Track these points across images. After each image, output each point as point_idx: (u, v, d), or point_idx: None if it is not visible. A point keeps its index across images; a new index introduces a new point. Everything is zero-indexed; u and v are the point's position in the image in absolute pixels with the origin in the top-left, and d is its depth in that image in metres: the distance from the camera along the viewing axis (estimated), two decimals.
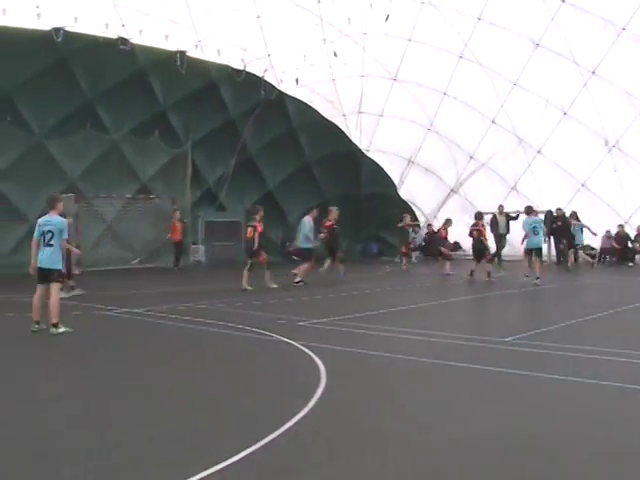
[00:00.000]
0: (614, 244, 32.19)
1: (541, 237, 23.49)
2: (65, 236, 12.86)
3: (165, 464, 5.76)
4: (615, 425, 6.80)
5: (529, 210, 24.35)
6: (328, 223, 24.93)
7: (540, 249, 23.20)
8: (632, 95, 30.04)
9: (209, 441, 6.38)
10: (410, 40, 33.17)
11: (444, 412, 7.35)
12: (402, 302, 17.34)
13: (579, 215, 32.34)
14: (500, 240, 32.51)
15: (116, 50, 26.87)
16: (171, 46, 28.70)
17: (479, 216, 26.52)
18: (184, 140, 31.88)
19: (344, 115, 36.45)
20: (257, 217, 22.39)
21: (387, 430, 6.73)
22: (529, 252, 22.68)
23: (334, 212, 25.37)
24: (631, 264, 31.85)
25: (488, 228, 30.62)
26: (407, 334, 12.11)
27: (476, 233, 25.21)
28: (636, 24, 28.13)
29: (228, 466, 5.57)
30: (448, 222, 29.75)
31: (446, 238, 29.40)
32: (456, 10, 30.96)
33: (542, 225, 23.95)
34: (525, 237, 23.05)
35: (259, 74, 31.68)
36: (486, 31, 31.36)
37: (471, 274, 24.21)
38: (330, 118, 35.37)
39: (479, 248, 25.08)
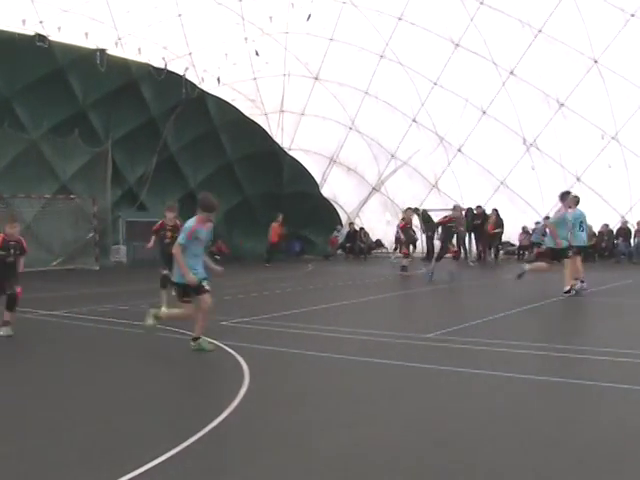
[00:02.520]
0: (531, 240, 32.70)
1: (586, 234, 19.65)
2: None
3: (86, 467, 5.68)
4: (536, 417, 6.92)
5: (566, 197, 19.26)
6: (402, 224, 26.31)
7: (585, 247, 19.81)
8: (548, 95, 30.70)
9: (131, 444, 6.32)
10: (332, 39, 33.33)
11: (366, 409, 7.39)
12: (324, 300, 17.37)
13: (500, 212, 32.96)
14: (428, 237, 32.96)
15: (33, 47, 26.44)
16: (91, 44, 28.32)
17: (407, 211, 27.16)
18: (104, 139, 31.43)
19: (266, 114, 36.42)
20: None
21: (309, 429, 6.74)
22: (574, 252, 18.14)
23: (407, 212, 27.15)
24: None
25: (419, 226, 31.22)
26: (330, 332, 12.14)
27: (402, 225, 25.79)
28: (552, 26, 28.78)
29: (150, 469, 5.53)
30: (408, 212, 27.84)
31: (405, 228, 26.72)
32: (377, 10, 31.22)
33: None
34: (553, 234, 18.18)
35: (180, 73, 31.44)
36: (407, 31, 31.70)
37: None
38: (252, 117, 35.28)
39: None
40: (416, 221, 28.69)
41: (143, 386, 8.68)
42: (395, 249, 32.87)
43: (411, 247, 26.50)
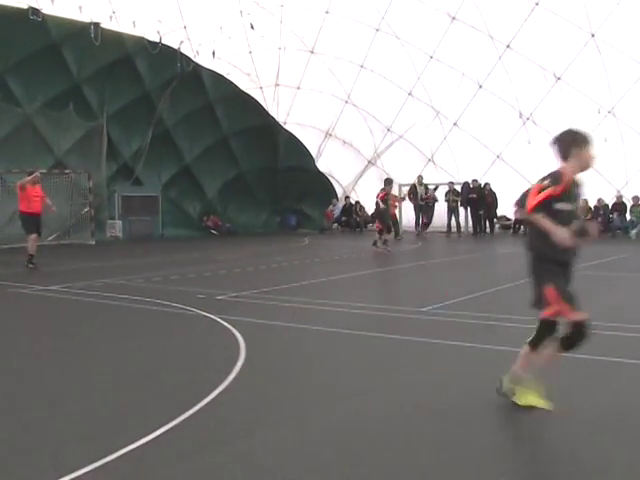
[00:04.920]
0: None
1: None
2: None
3: (85, 441, 5.70)
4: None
5: None
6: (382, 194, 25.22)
7: None
8: (545, 69, 30.62)
9: (128, 417, 6.34)
10: (327, 12, 33.18)
11: (364, 382, 7.42)
12: (320, 274, 17.37)
13: (493, 186, 32.99)
14: (419, 210, 33.11)
15: (27, 21, 26.27)
16: (85, 17, 28.13)
17: (387, 182, 25.95)
18: (99, 113, 31.30)
19: (261, 88, 36.31)
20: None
21: (307, 402, 6.76)
22: None
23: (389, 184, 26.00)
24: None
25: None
26: (326, 305, 12.17)
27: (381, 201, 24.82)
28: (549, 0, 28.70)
29: (149, 441, 5.55)
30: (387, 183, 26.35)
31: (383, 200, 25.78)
32: None
33: None
34: None
35: (175, 46, 31.27)
36: (403, 4, 31.55)
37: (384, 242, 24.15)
38: (247, 91, 35.13)
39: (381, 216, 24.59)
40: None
41: (140, 360, 8.70)
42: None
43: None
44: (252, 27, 32.17)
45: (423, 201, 33.50)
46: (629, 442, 5.49)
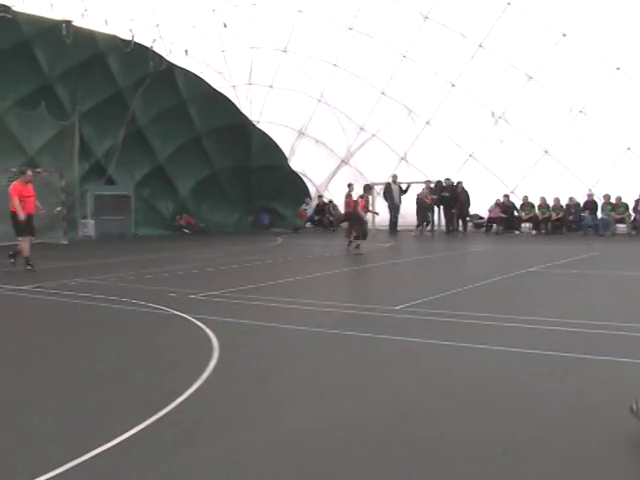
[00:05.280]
0: (501, 213, 32.92)
1: None
2: None
3: (56, 442, 5.68)
4: (504, 388, 6.98)
5: None
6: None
7: None
8: (517, 68, 30.81)
9: (101, 417, 6.31)
10: (300, 12, 33.21)
11: (337, 381, 7.42)
12: (294, 273, 17.38)
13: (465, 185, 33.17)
14: (394, 210, 33.23)
15: None
16: (56, 15, 27.98)
17: (365, 189, 25.40)
18: (71, 112, 31.15)
19: (234, 86, 36.29)
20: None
21: (281, 401, 6.76)
22: None
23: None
24: (517, 232, 32.70)
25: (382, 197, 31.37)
26: (299, 304, 12.17)
27: (353, 203, 23.85)
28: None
29: (122, 441, 5.53)
30: (367, 189, 26.18)
31: (366, 208, 25.52)
32: None
33: None
34: None
35: (148, 45, 31.17)
36: (376, 3, 31.69)
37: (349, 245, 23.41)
38: (220, 90, 35.09)
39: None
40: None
41: (112, 360, 8.66)
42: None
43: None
44: (225, 26, 32.12)
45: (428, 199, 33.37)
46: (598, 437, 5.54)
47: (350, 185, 26.43)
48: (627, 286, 14.87)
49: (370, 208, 26.27)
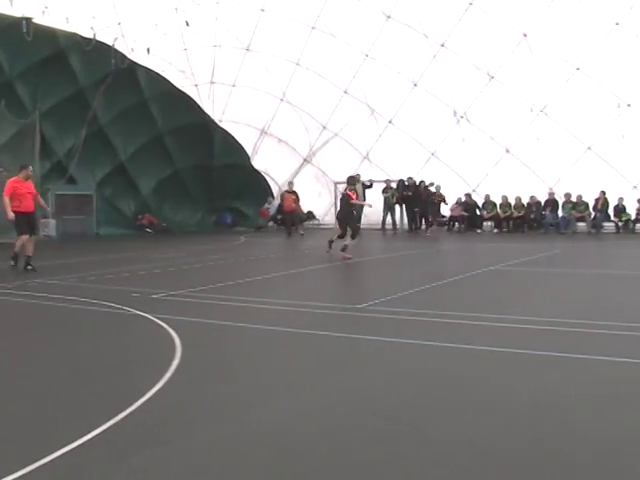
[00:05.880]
0: (463, 212, 33.12)
1: None
2: None
3: (19, 443, 5.62)
4: (468, 385, 7.02)
5: None
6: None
7: None
8: (479, 68, 31.00)
9: (63, 419, 6.26)
10: (263, 10, 33.17)
11: (300, 380, 7.43)
12: (256, 272, 17.34)
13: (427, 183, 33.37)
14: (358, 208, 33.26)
15: None
16: (16, 12, 27.66)
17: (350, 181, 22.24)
18: (32, 111, 30.84)
19: (196, 85, 36.15)
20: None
21: (244, 400, 6.75)
22: None
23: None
24: (479, 231, 32.90)
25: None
26: (262, 304, 12.15)
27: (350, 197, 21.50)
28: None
29: (85, 443, 5.50)
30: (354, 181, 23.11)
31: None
32: None
33: None
34: None
35: (109, 43, 30.93)
36: (338, 2, 31.72)
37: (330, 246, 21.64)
38: (182, 88, 34.90)
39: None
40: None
41: (74, 361, 8.60)
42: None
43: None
44: (187, 24, 31.98)
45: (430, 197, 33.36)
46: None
47: (354, 177, 23.92)
48: (591, 284, 15.03)
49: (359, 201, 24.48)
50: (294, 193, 33.89)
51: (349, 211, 21.42)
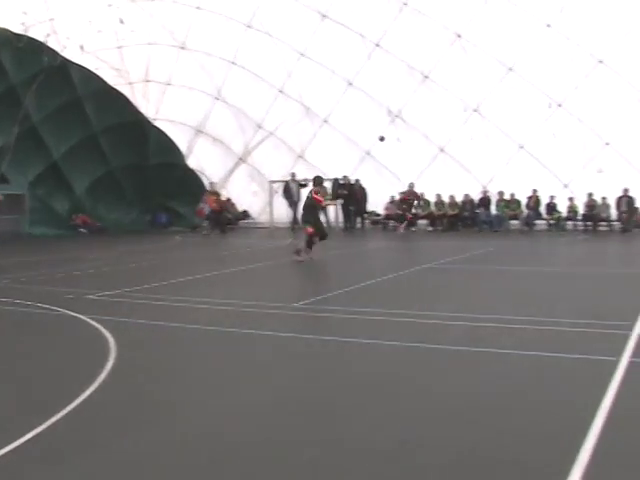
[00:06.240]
0: (398, 210, 33.30)
1: None
2: None
3: None
4: (402, 382, 7.08)
5: None
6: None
7: None
8: (413, 67, 31.22)
9: None
10: (198, 8, 33.00)
11: (236, 379, 7.44)
12: (192, 272, 17.23)
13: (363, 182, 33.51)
14: (293, 206, 33.33)
15: None
16: None
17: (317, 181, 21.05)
18: None
19: (131, 83, 35.78)
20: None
21: (180, 399, 6.73)
22: None
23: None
24: (413, 229, 33.11)
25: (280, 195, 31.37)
26: (197, 303, 12.11)
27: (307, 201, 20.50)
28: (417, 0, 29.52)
29: (18, 447, 5.44)
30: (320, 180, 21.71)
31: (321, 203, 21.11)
32: None
33: None
34: None
35: (41, 39, 30.50)
36: (274, 1, 31.69)
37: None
38: (116, 87, 34.56)
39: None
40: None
41: (6, 363, 8.50)
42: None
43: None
44: (122, 21, 31.69)
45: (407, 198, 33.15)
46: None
47: (320, 177, 22.15)
48: (523, 281, 15.23)
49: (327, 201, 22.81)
50: (215, 194, 34.05)
51: (314, 213, 20.39)
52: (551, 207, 31.08)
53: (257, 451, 5.37)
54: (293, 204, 34.19)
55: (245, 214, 38.36)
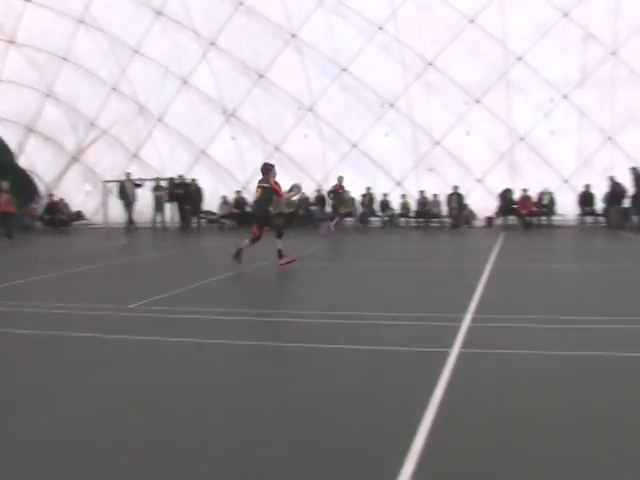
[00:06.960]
0: (234, 209, 33.37)
1: None
2: None
3: None
4: (234, 382, 7.15)
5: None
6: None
7: None
8: (248, 67, 31.45)
9: None
10: (29, 1, 32.17)
11: (65, 385, 7.18)
12: (22, 275, 16.25)
13: (200, 182, 33.43)
14: (129, 206, 32.93)
15: None
16: None
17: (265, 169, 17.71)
18: None
19: None
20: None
21: (31, 405, 6.49)
22: None
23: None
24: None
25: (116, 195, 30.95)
26: (30, 307, 11.51)
27: (260, 191, 17.56)
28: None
29: None
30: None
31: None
32: None
33: None
34: None
35: None
36: None
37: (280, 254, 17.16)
38: None
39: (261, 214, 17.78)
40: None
41: None
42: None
43: None
44: None
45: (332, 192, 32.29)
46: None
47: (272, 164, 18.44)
48: (359, 276, 15.58)
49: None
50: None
51: (267, 209, 17.74)
52: (385, 204, 31.91)
53: (114, 451, 5.29)
54: (128, 204, 33.71)
55: (79, 215, 37.56)
